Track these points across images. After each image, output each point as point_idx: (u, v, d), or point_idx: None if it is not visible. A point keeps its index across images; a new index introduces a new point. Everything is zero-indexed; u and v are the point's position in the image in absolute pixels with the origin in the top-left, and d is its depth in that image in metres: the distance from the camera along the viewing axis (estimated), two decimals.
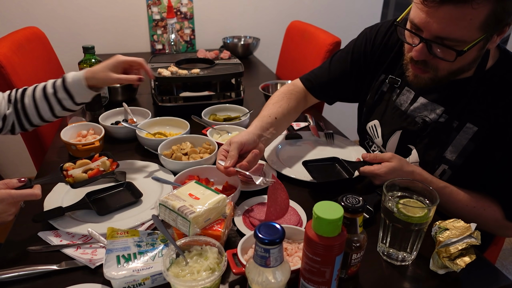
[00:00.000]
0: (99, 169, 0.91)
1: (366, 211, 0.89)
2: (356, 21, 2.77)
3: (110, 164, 0.93)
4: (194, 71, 1.41)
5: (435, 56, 0.84)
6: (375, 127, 1.13)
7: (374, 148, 1.17)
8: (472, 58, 0.85)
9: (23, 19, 2.10)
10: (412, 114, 1.02)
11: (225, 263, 0.66)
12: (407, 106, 1.04)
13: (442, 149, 0.96)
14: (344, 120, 2.64)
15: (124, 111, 1.37)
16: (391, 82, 1.08)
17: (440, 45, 0.81)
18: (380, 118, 1.11)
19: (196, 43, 2.37)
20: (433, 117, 0.98)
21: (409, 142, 1.03)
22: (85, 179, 0.89)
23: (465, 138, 0.93)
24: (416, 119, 1.01)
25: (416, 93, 1.02)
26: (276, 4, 2.54)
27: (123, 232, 0.77)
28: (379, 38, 1.10)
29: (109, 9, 2.23)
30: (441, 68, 0.87)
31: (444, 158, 0.96)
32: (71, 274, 0.73)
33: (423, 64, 0.88)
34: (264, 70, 2.13)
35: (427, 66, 0.88)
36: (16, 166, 2.48)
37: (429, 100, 0.99)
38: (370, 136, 1.17)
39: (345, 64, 1.17)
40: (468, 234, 0.72)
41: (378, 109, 1.12)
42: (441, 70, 0.87)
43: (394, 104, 1.07)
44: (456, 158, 0.95)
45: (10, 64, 1.31)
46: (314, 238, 0.60)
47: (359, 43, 1.15)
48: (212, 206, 0.75)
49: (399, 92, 1.07)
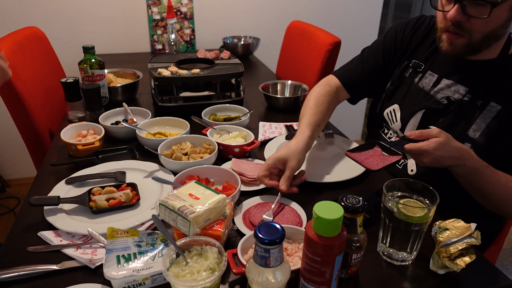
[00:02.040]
0: (120, 200, 0.92)
1: (366, 211, 0.89)
2: (356, 21, 2.77)
3: (133, 196, 0.94)
4: (194, 71, 1.41)
5: (469, 16, 0.87)
6: (394, 111, 1.14)
7: (390, 135, 1.18)
8: (504, 20, 0.88)
9: (23, 19, 2.10)
10: (435, 94, 1.05)
11: (225, 263, 0.66)
12: (430, 88, 1.06)
13: (465, 127, 0.98)
14: (344, 120, 2.65)
15: (124, 111, 1.37)
16: (415, 66, 1.11)
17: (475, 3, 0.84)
18: (401, 102, 1.13)
19: (196, 43, 2.37)
20: (457, 96, 1.00)
21: (430, 123, 1.05)
22: (106, 207, 0.90)
23: (489, 116, 0.95)
24: (440, 99, 1.03)
25: (439, 76, 1.05)
26: (276, 4, 2.54)
27: (123, 232, 0.77)
28: (408, 29, 1.15)
29: (109, 9, 2.23)
30: (475, 30, 0.89)
31: (467, 136, 0.97)
32: (71, 274, 0.73)
33: (458, 27, 0.90)
34: (264, 70, 2.13)
35: (462, 29, 0.90)
36: (16, 166, 2.48)
37: (453, 80, 1.02)
38: (386, 122, 1.17)
39: (377, 56, 1.19)
40: (468, 234, 0.72)
41: (398, 93, 1.14)
42: (475, 33, 0.90)
43: (417, 86, 1.10)
44: (479, 136, 0.96)
45: (10, 64, 1.30)
46: (314, 238, 0.60)
47: (389, 35, 1.19)
48: (212, 206, 0.75)
49: (421, 76, 1.09)
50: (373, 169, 0.87)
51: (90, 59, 1.41)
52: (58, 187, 0.98)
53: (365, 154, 0.93)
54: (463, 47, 0.93)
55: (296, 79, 1.78)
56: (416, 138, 0.88)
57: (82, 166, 1.08)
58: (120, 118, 1.35)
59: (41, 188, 0.99)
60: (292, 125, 1.37)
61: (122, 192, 0.93)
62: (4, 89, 1.31)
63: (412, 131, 0.88)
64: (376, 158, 0.91)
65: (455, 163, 0.87)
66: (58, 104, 1.58)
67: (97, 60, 1.42)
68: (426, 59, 1.10)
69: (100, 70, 1.42)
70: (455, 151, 0.86)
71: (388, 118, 1.16)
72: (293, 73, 2.00)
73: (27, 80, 1.40)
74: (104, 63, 1.44)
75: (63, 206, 0.90)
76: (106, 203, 0.90)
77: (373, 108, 1.27)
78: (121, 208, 0.91)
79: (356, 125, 3.20)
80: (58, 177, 1.02)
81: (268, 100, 1.56)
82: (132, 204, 0.92)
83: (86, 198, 0.91)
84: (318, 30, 1.85)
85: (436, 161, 0.85)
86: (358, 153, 0.93)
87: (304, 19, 2.11)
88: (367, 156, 0.92)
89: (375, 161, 0.90)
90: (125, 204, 0.91)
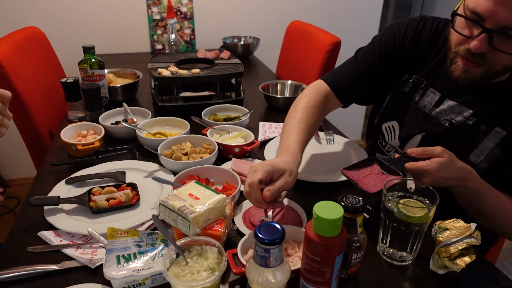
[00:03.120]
0: (120, 200, 0.92)
1: (366, 211, 0.89)
2: (356, 21, 2.77)
3: (133, 196, 0.94)
4: (194, 71, 1.41)
5: (494, 49, 0.79)
6: (392, 127, 1.09)
7: (388, 148, 1.14)
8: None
9: (23, 19, 2.10)
10: (437, 116, 0.98)
11: (225, 263, 0.66)
12: (431, 108, 1.00)
13: (466, 152, 0.93)
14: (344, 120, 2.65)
15: (124, 111, 1.37)
16: (415, 82, 1.03)
17: (505, 36, 0.76)
18: (399, 120, 1.07)
19: (196, 43, 2.37)
20: (460, 119, 0.95)
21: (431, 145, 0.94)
22: (106, 207, 0.90)
23: (493, 142, 0.90)
24: (442, 121, 0.97)
25: (442, 95, 0.98)
26: (276, 4, 2.54)
27: (123, 232, 0.77)
28: (409, 35, 1.04)
29: (109, 9, 2.23)
30: (498, 62, 0.82)
31: (469, 161, 0.93)
32: (71, 274, 0.73)
33: (479, 58, 0.82)
34: (264, 70, 2.13)
35: (483, 60, 0.82)
36: (16, 166, 2.48)
37: (457, 102, 0.96)
38: (384, 136, 1.12)
39: (373, 59, 1.08)
40: (468, 234, 0.72)
41: (397, 109, 1.07)
42: (497, 65, 0.82)
43: (417, 105, 1.03)
44: (481, 161, 0.92)
45: (10, 64, 1.31)
46: (314, 238, 0.60)
47: (386, 38, 1.07)
48: (212, 206, 0.75)
49: (422, 93, 1.02)
50: (370, 191, 0.82)
51: (90, 59, 1.41)
52: (58, 187, 0.98)
53: (363, 172, 0.88)
54: (479, 75, 0.85)
55: (296, 79, 1.78)
56: (418, 156, 0.84)
57: (82, 166, 1.08)
58: (120, 118, 1.35)
59: (41, 188, 0.99)
60: None
61: (122, 192, 0.93)
62: (4, 89, 1.31)
63: (413, 149, 0.84)
64: (374, 178, 0.86)
65: (456, 184, 0.84)
66: (58, 104, 1.58)
67: (97, 60, 1.42)
68: (429, 74, 1.01)
69: (100, 70, 1.42)
70: (458, 171, 0.82)
71: (386, 132, 1.11)
72: (293, 73, 2.00)
73: (27, 80, 1.40)
74: (104, 63, 1.44)
75: (63, 206, 0.90)
76: (106, 203, 0.90)
77: (372, 117, 1.20)
78: (121, 208, 0.91)
79: (356, 125, 3.20)
80: (58, 177, 1.02)
81: (268, 100, 1.56)
82: (132, 204, 0.92)
83: (86, 198, 0.91)
84: (318, 30, 1.85)
85: (437, 181, 0.82)
86: (356, 170, 0.88)
87: (304, 19, 2.11)
88: (364, 175, 0.88)
89: (372, 181, 0.85)
90: (125, 204, 0.91)
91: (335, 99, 1.10)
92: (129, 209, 0.91)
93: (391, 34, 1.07)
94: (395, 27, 1.07)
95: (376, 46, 1.08)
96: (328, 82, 1.10)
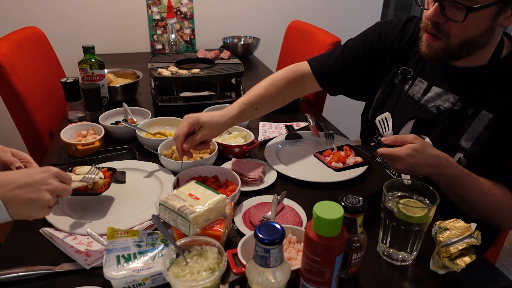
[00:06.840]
0: (87, 186, 0.89)
1: (366, 211, 0.89)
2: (356, 21, 2.77)
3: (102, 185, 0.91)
4: (194, 71, 1.41)
5: (447, 18, 0.85)
6: (385, 119, 1.12)
7: None
8: (484, 29, 0.86)
9: (23, 19, 2.10)
10: (426, 103, 1.03)
11: (225, 263, 0.66)
12: (420, 96, 1.04)
13: (456, 137, 0.96)
14: (344, 120, 2.64)
15: (124, 111, 1.37)
16: (404, 73, 1.08)
17: (455, 6, 0.83)
18: (392, 110, 1.11)
19: (196, 43, 2.37)
20: (447, 105, 0.99)
21: (422, 132, 1.03)
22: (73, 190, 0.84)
23: (481, 125, 0.93)
24: (430, 108, 1.01)
25: (429, 83, 1.03)
26: (276, 4, 2.54)
27: (123, 232, 0.76)
28: (394, 33, 1.11)
29: (109, 9, 2.23)
30: (453, 34, 0.88)
31: (459, 146, 0.96)
32: (70, 276, 0.73)
33: (435, 28, 0.89)
34: (264, 70, 2.13)
35: (439, 31, 0.89)
36: None
37: (443, 89, 1.00)
38: (379, 130, 1.16)
39: (356, 52, 1.15)
40: (468, 234, 0.72)
41: (389, 101, 1.12)
42: (453, 37, 0.88)
43: (407, 94, 1.08)
44: (471, 146, 0.94)
45: (10, 64, 1.31)
46: (314, 238, 0.60)
47: (372, 33, 1.15)
48: (212, 206, 0.75)
49: (411, 83, 1.07)
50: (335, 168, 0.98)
51: (90, 59, 1.41)
52: None
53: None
54: (440, 50, 0.91)
55: None
56: (391, 143, 0.87)
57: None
58: (120, 118, 1.35)
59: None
60: (292, 125, 1.37)
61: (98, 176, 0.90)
62: (4, 89, 1.31)
63: (387, 137, 0.89)
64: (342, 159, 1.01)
65: (434, 171, 0.86)
66: (58, 104, 1.58)
67: (97, 60, 1.42)
68: (415, 64, 1.07)
69: (100, 70, 1.42)
70: (432, 158, 0.85)
71: (380, 125, 1.15)
72: None
73: (27, 80, 1.40)
74: (104, 63, 1.44)
75: (63, 206, 0.90)
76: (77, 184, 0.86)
77: (365, 115, 1.25)
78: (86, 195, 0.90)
79: (356, 125, 3.18)
80: None
81: None
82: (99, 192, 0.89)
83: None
84: (318, 30, 1.85)
85: (411, 167, 0.84)
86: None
87: (304, 19, 2.11)
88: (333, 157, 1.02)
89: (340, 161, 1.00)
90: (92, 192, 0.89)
91: (314, 81, 1.18)
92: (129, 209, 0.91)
93: (377, 31, 1.14)
94: (383, 25, 1.15)
95: (362, 39, 1.16)
96: (310, 63, 1.18)
